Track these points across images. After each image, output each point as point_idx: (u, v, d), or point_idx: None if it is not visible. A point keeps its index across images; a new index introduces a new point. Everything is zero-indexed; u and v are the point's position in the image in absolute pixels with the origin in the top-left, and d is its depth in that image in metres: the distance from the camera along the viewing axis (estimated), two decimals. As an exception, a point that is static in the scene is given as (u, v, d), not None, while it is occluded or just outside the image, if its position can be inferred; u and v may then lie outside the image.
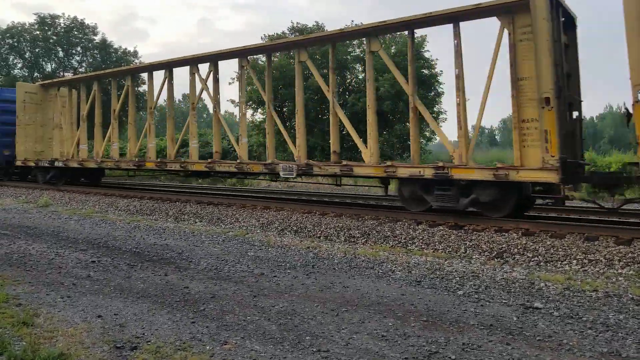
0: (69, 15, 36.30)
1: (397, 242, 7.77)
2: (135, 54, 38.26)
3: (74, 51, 36.76)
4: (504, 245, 6.97)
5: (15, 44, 34.27)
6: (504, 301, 4.70)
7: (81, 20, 36.46)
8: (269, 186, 18.13)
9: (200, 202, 11.56)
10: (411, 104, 9.15)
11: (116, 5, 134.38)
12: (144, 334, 3.80)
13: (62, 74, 35.20)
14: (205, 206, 11.13)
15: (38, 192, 15.52)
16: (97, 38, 36.93)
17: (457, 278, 5.61)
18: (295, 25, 26.49)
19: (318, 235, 8.45)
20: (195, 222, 9.96)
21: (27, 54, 35.36)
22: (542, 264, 6.34)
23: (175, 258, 6.70)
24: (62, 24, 35.59)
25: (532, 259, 6.50)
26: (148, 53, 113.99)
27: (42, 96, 18.01)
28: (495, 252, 6.82)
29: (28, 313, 4.16)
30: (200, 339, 3.70)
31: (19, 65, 35.64)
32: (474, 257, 6.80)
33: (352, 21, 32.41)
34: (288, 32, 26.26)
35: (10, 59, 34.45)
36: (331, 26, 51.36)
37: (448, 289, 5.17)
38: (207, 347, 3.52)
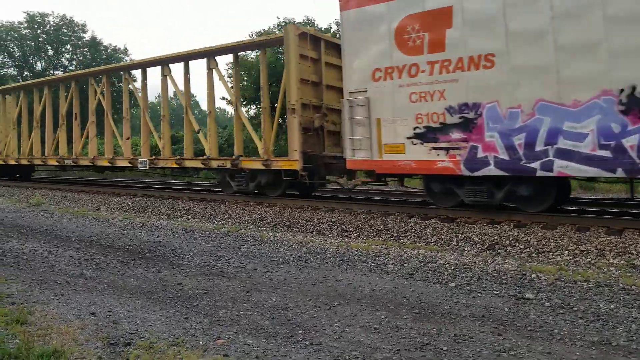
0: (57, 13, 36.00)
1: (389, 235, 7.81)
2: (125, 51, 38.01)
3: (63, 49, 36.45)
4: (495, 237, 7.02)
5: (4, 43, 33.92)
6: (495, 292, 4.75)
7: (70, 17, 36.15)
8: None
9: (193, 199, 11.55)
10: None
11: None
12: (137, 330, 3.81)
13: (52, 72, 34.89)
14: (198, 203, 11.12)
15: (30, 191, 15.43)
16: (87, 36, 36.65)
17: (449, 270, 5.65)
18: (282, 20, 26.35)
19: (311, 230, 8.47)
20: (189, 219, 9.96)
21: (17, 52, 35.00)
22: (533, 255, 6.39)
23: (168, 255, 6.70)
24: (51, 22, 35.29)
25: (524, 251, 6.55)
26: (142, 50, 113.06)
27: None
28: (487, 244, 6.87)
29: (22, 311, 4.16)
30: (194, 334, 3.72)
31: (9, 64, 35.30)
32: (466, 249, 6.84)
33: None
34: (275, 29, 26.12)
35: (0, 58, 34.11)
36: (326, 20, 51.78)
37: (440, 281, 5.21)
38: (201, 342, 3.54)
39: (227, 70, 22.50)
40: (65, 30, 35.58)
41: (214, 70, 12.23)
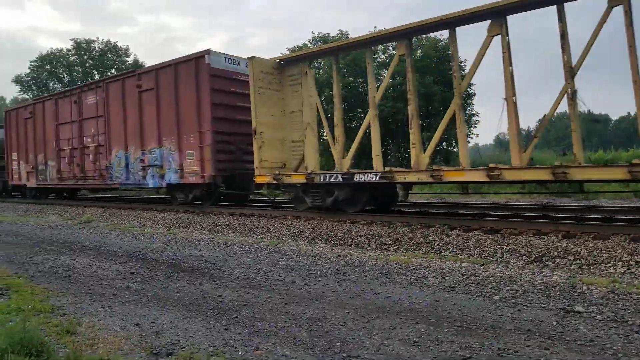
0: (102, 39, 37.82)
1: (430, 248, 7.67)
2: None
3: (108, 73, 38.28)
4: (543, 249, 6.77)
5: (54, 70, 35.91)
6: (542, 305, 4.56)
7: (114, 43, 37.96)
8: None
9: (232, 213, 11.74)
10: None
11: (150, 30, 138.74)
12: (179, 340, 3.88)
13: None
14: (237, 217, 11.28)
15: (81, 209, 16.09)
16: (130, 59, 38.29)
17: (493, 283, 5.48)
18: (316, 35, 26.64)
19: (349, 243, 8.42)
20: (229, 234, 10.11)
21: (66, 78, 36.96)
22: (584, 267, 6.12)
23: (209, 268, 6.81)
24: (96, 48, 37.10)
25: (574, 262, 6.28)
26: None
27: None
28: (534, 256, 6.63)
29: (71, 322, 4.31)
30: (233, 345, 3.75)
31: (59, 89, 37.36)
32: (511, 261, 6.63)
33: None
34: (309, 44, 26.45)
35: (51, 85, 36.08)
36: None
37: (483, 294, 5.05)
38: (240, 353, 3.56)
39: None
40: (109, 55, 37.38)
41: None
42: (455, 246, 7.57)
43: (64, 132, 18.04)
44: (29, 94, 36.12)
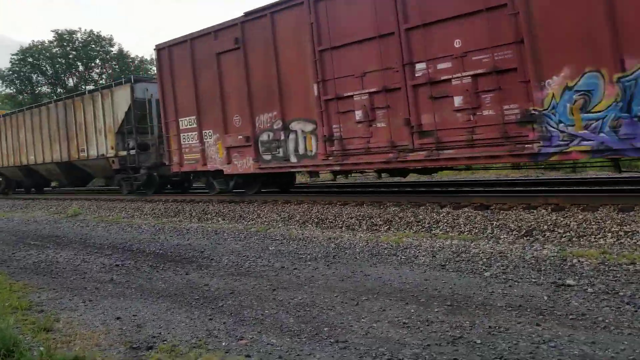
0: (85, 30, 37.06)
1: (420, 227, 7.57)
2: (152, 61, 38.86)
3: (93, 64, 37.59)
4: (532, 223, 6.69)
5: (37, 62, 35.21)
6: (533, 280, 4.48)
7: (97, 32, 37.20)
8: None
9: (222, 201, 11.57)
10: None
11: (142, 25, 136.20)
12: (160, 333, 3.75)
13: (83, 87, 35.97)
14: (227, 204, 11.12)
15: (68, 203, 15.84)
16: (114, 49, 37.60)
17: (484, 259, 5.39)
18: None
19: (340, 225, 8.31)
20: (219, 221, 9.96)
21: (49, 70, 36.26)
22: (574, 239, 6.04)
23: (197, 257, 6.67)
24: (79, 39, 36.37)
25: (564, 235, 6.20)
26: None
27: None
28: (524, 231, 6.55)
29: (49, 319, 4.17)
30: (217, 335, 3.63)
31: (42, 82, 36.66)
32: (502, 237, 6.54)
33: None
34: None
35: (34, 77, 35.40)
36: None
37: (474, 271, 4.97)
38: (223, 344, 3.44)
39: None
40: (93, 46, 36.67)
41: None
42: (445, 224, 7.48)
43: (354, 60, 8.94)
44: (12, 88, 35.50)
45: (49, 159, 18.71)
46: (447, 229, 7.28)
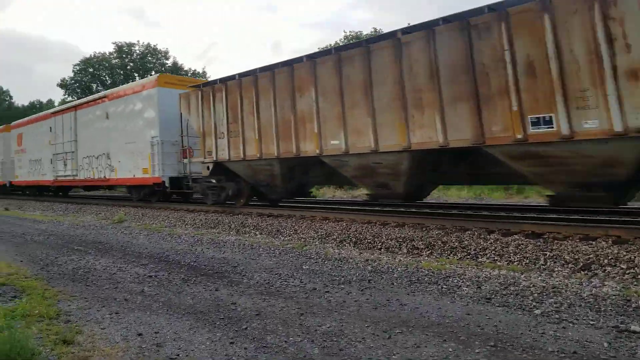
0: (143, 42, 38.70)
1: (465, 253, 7.12)
2: (204, 74, 40.02)
3: (149, 75, 39.14)
4: (591, 256, 6.12)
5: (97, 73, 37.00)
6: (591, 323, 4.00)
7: (154, 46, 38.77)
8: (333, 197, 17.82)
9: (261, 214, 11.47)
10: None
11: (194, 38, 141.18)
12: (178, 355, 3.56)
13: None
14: (265, 218, 11.00)
15: (115, 209, 16.24)
16: (169, 62, 39.03)
17: (535, 294, 4.92)
18: (348, 33, 26.23)
19: (378, 247, 7.96)
20: (256, 235, 9.82)
21: (108, 80, 38.00)
22: (639, 277, 5.45)
23: (229, 272, 6.51)
24: (137, 51, 37.99)
25: (627, 272, 5.61)
26: (218, 73, 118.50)
27: None
28: (581, 264, 6.00)
29: (72, 330, 4.08)
30: (236, 362, 3.39)
31: (101, 91, 38.50)
32: (556, 269, 6.01)
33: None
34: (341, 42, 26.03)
35: (94, 87, 37.17)
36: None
37: (523, 307, 4.51)
38: (241, 373, 3.20)
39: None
40: (150, 58, 38.17)
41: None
42: (493, 252, 7.00)
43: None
44: (73, 96, 37.37)
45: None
46: (495, 258, 6.80)
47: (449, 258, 7.02)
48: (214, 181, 13.45)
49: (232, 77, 12.53)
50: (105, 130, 18.37)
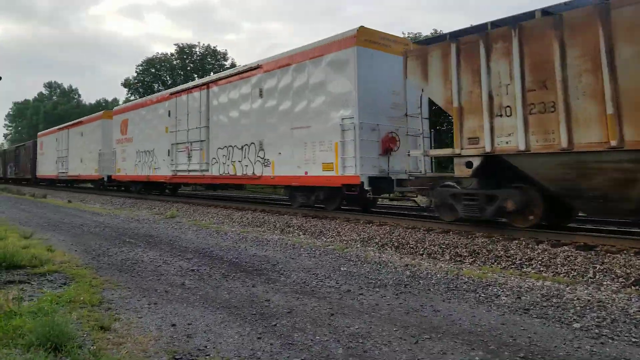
0: (203, 44, 40.03)
1: (510, 262, 6.88)
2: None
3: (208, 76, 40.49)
4: (645, 271, 5.75)
5: (158, 73, 38.64)
6: (633, 340, 3.77)
7: (214, 47, 39.97)
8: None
9: (306, 215, 11.56)
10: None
11: (253, 37, 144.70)
12: (206, 346, 3.66)
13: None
14: (310, 219, 11.07)
15: (169, 205, 16.87)
16: (228, 63, 40.09)
17: (577, 308, 4.69)
18: (407, 35, 25.96)
19: (420, 252, 7.83)
20: (299, 235, 9.92)
21: (169, 81, 39.58)
22: (697, 296, 5.07)
23: (268, 270, 6.62)
24: (197, 52, 39.34)
25: (684, 290, 5.24)
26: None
27: None
28: (633, 279, 5.65)
29: (111, 317, 4.29)
30: (259, 357, 3.45)
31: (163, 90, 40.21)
32: (605, 283, 5.70)
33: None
34: None
35: (155, 87, 38.84)
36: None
37: (562, 320, 4.32)
38: (262, 367, 3.26)
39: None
40: (209, 59, 39.40)
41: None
42: (539, 262, 6.73)
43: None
44: (136, 96, 39.26)
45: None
46: (541, 269, 6.54)
47: (492, 267, 6.81)
48: (460, 186, 8.79)
49: (528, 15, 7.80)
50: (256, 112, 13.88)
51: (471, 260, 7.26)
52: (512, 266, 6.77)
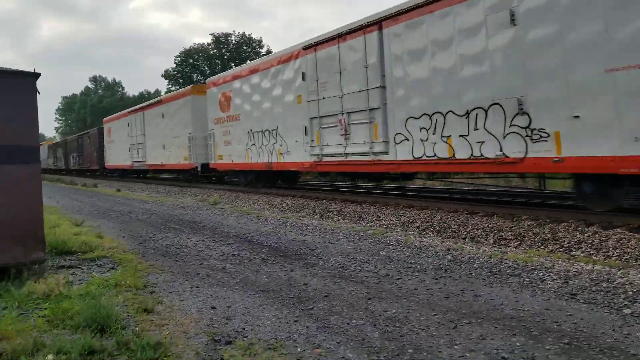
0: (238, 32, 40.35)
1: (558, 246, 6.62)
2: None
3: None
4: None
5: (196, 63, 39.31)
6: (691, 327, 3.55)
7: (249, 35, 40.31)
8: (424, 184, 17.39)
9: (345, 200, 11.52)
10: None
11: (289, 23, 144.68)
12: (244, 328, 3.72)
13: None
14: (349, 204, 11.04)
15: (212, 192, 17.23)
16: (263, 50, 40.30)
17: (629, 293, 4.46)
18: None
19: (463, 236, 7.66)
20: (338, 220, 9.91)
21: (207, 70, 40.20)
22: None
23: (307, 254, 6.65)
24: (233, 41, 39.75)
25: None
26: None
27: None
28: (692, 263, 5.32)
29: (155, 300, 4.42)
30: (295, 339, 3.48)
31: (201, 81, 40.82)
32: (660, 267, 5.40)
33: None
34: None
35: (194, 77, 39.58)
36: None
37: (611, 305, 4.12)
38: (298, 349, 3.28)
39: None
40: (245, 47, 39.72)
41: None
42: (589, 245, 6.45)
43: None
44: (176, 86, 40.18)
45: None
46: (591, 252, 6.26)
47: (538, 250, 6.58)
48: None
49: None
50: (505, 50, 8.29)
51: (516, 243, 7.04)
52: (560, 249, 6.52)
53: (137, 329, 3.63)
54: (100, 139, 33.25)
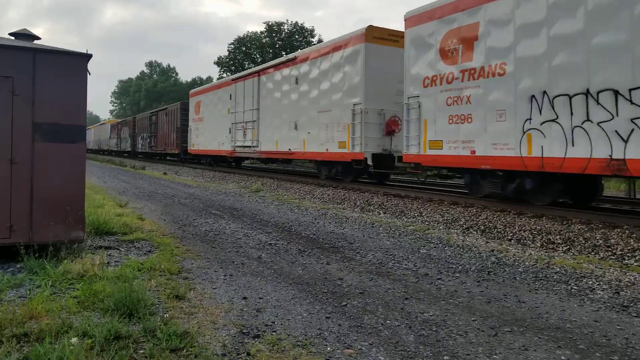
0: (291, 21, 40.43)
1: (610, 253, 6.22)
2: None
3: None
4: None
5: (249, 51, 39.64)
6: None
7: (301, 24, 40.23)
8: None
9: (387, 193, 11.30)
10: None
11: (342, 12, 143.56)
12: (274, 322, 3.64)
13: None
14: (391, 198, 10.81)
15: (255, 179, 17.35)
16: (315, 40, 40.15)
17: (691, 309, 4.09)
18: None
19: (508, 237, 7.32)
20: (379, 214, 9.72)
21: (259, 58, 40.49)
22: None
23: (344, 248, 6.52)
24: (285, 30, 39.82)
25: None
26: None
27: None
28: None
29: (187, 287, 4.41)
30: (326, 337, 3.36)
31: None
32: None
33: None
34: None
35: (246, 65, 39.91)
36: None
37: (671, 322, 3.78)
38: (328, 349, 3.16)
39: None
40: (297, 37, 39.71)
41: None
42: (646, 254, 6.01)
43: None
44: (228, 74, 40.72)
45: None
46: (648, 261, 5.83)
47: (588, 257, 6.20)
48: None
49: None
50: None
51: (565, 248, 6.66)
52: (612, 257, 6.12)
53: (166, 315, 3.61)
54: (183, 117, 27.33)
